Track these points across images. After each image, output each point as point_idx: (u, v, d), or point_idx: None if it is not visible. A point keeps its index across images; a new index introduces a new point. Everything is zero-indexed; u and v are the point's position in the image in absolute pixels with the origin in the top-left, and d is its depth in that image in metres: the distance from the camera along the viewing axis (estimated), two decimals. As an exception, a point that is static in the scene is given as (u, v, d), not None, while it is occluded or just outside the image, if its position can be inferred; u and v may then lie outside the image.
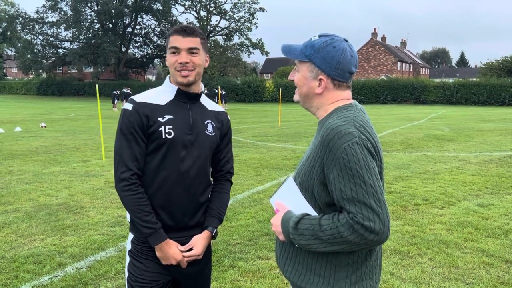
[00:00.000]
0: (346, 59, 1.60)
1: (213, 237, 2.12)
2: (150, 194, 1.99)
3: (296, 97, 1.74)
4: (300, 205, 1.61)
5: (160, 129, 1.97)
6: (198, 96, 2.10)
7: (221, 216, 2.16)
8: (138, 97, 2.02)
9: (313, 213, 1.58)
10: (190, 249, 2.05)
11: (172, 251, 1.98)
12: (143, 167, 2.00)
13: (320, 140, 1.54)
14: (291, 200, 1.65)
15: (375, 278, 1.65)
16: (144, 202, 1.95)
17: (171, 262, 1.99)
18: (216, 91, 34.41)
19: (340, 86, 1.64)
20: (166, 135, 1.97)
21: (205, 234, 2.09)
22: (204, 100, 2.15)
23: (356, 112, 1.59)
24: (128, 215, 2.06)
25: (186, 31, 1.98)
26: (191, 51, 1.98)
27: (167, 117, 1.99)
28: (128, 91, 33.87)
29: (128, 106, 2.00)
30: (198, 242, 2.06)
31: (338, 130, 1.49)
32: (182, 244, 2.05)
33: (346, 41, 1.64)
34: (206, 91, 33.35)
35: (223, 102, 34.80)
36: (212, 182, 2.22)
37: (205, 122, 2.09)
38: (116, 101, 33.16)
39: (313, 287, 1.61)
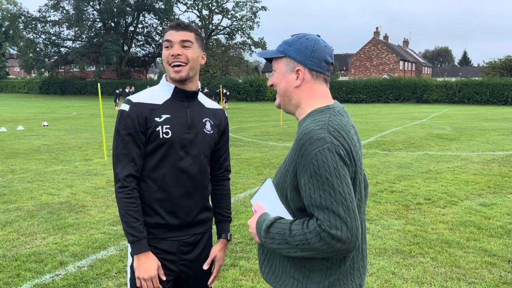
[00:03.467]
0: (320, 47, 1.61)
1: (229, 241, 2.22)
2: (150, 194, 1.98)
3: (277, 101, 1.71)
4: (275, 208, 1.60)
5: (157, 129, 1.95)
6: (195, 94, 2.08)
7: (230, 217, 2.25)
8: (135, 98, 1.99)
9: (287, 216, 1.57)
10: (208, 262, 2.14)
11: (148, 264, 1.93)
12: (141, 168, 1.98)
13: (294, 144, 1.53)
14: (267, 202, 1.63)
15: (352, 284, 1.61)
16: (135, 208, 1.92)
17: (143, 275, 1.92)
18: (217, 90, 34.39)
19: (317, 77, 1.62)
20: (164, 135, 1.95)
21: (222, 243, 2.19)
22: (202, 98, 2.14)
23: (332, 116, 1.55)
24: None
25: (180, 25, 1.97)
26: (183, 43, 1.95)
27: (164, 116, 1.97)
28: (131, 90, 33.84)
29: (125, 107, 1.97)
30: (219, 254, 2.17)
31: (310, 135, 1.47)
32: (186, 244, 2.05)
33: (319, 36, 1.66)
34: (206, 90, 33.30)
35: (225, 101, 34.70)
36: (211, 181, 2.22)
37: (203, 120, 2.07)
38: (118, 100, 33.21)
39: None
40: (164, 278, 1.98)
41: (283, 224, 1.51)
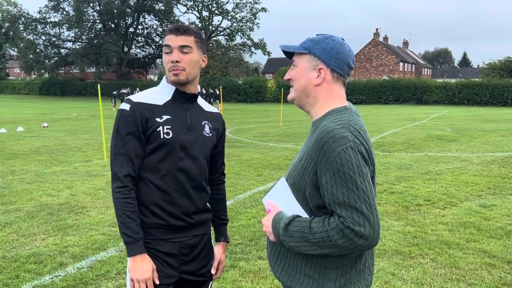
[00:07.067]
0: (345, 51, 1.63)
1: (227, 242, 2.31)
2: (149, 194, 1.98)
3: (291, 95, 1.72)
4: (291, 206, 1.61)
5: (158, 129, 1.95)
6: (195, 96, 2.10)
7: (227, 219, 2.31)
8: (135, 97, 2.00)
9: (304, 214, 1.58)
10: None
11: (143, 266, 1.91)
12: (140, 168, 1.98)
13: (314, 142, 1.54)
14: (282, 201, 1.64)
15: (364, 282, 1.64)
16: (131, 208, 1.91)
17: (138, 276, 1.90)
18: (212, 91, 34.23)
19: (338, 79, 1.65)
20: (165, 135, 1.96)
21: (223, 246, 2.27)
22: (201, 101, 2.16)
23: (351, 116, 1.59)
24: None
25: (179, 30, 1.96)
26: (182, 49, 1.95)
27: (165, 117, 1.98)
28: (125, 91, 33.76)
29: (125, 106, 1.97)
30: (222, 257, 2.25)
31: (333, 134, 1.49)
32: (186, 246, 2.05)
33: (343, 40, 1.68)
34: (199, 90, 33.12)
35: (215, 101, 34.36)
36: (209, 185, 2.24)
37: (202, 123, 2.09)
38: (115, 102, 33.15)
39: (302, 287, 1.61)
40: (157, 282, 1.95)
41: (302, 222, 1.53)
